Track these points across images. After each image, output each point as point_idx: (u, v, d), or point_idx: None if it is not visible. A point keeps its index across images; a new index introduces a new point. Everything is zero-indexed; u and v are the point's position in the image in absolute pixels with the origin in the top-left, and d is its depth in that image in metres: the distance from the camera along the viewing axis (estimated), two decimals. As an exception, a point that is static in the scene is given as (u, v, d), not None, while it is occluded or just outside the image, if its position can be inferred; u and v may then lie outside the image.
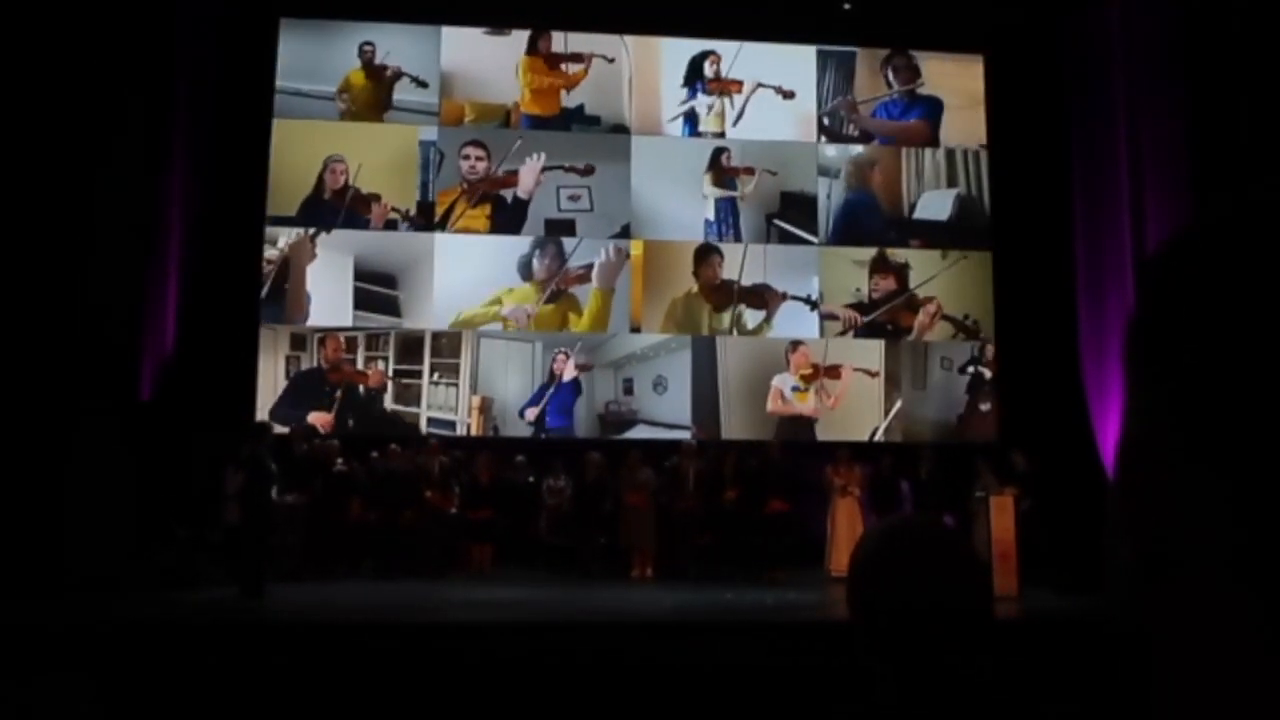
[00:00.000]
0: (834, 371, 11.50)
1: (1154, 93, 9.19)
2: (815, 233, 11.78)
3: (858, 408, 11.48)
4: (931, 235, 11.89)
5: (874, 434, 11.36)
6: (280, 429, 9.91)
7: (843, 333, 11.62)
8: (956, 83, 12.22)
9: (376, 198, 11.26)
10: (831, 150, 12.02)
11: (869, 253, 11.77)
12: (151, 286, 9.58)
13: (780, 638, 6.64)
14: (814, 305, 11.62)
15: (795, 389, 11.43)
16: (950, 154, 12.09)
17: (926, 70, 12.23)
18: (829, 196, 11.85)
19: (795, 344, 11.53)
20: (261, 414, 10.48)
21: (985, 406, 11.55)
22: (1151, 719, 0.39)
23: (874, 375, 11.47)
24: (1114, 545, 8.24)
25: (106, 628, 6.26)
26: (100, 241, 8.90)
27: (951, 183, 12.05)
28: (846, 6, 11.25)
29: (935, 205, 12.00)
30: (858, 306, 11.68)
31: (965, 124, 12.13)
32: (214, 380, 9.98)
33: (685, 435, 10.97)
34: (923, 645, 1.01)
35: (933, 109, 12.18)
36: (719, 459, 10.19)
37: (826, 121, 12.07)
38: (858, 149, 12.04)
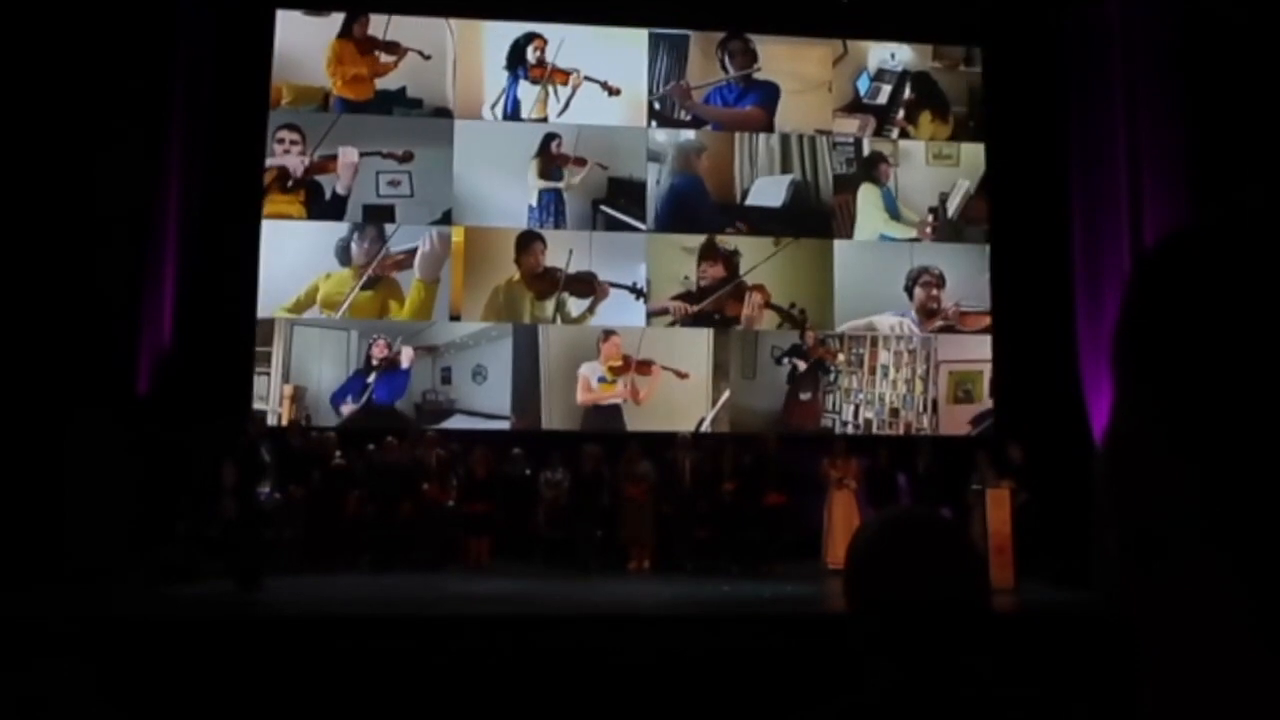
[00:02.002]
0: (645, 368, 11.26)
1: (1153, 89, 9.19)
2: (643, 219, 11.54)
3: (684, 397, 11.27)
4: (763, 222, 11.69)
5: (700, 424, 11.16)
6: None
7: (673, 323, 11.39)
8: (795, 67, 11.99)
9: None
10: (661, 136, 11.75)
11: (698, 239, 11.55)
12: (149, 280, 9.57)
13: (777, 630, 6.66)
14: (640, 294, 11.37)
15: (601, 379, 11.21)
16: (785, 139, 11.87)
17: (764, 54, 11.97)
18: (658, 182, 11.62)
19: (607, 334, 11.29)
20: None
21: (806, 396, 11.39)
22: (1140, 705, 0.40)
23: (683, 377, 11.27)
24: (1102, 536, 8.28)
25: (105, 620, 6.26)
26: (98, 234, 8.89)
27: (786, 169, 11.84)
28: (845, 1, 11.22)
29: (768, 191, 11.79)
30: (686, 295, 11.46)
31: (803, 109, 11.92)
32: (211, 374, 9.97)
33: (504, 425, 10.85)
34: (920, 637, 1.01)
35: (769, 94, 11.92)
36: (716, 452, 10.21)
37: (657, 106, 11.81)
38: (688, 134, 11.79)
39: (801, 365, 11.47)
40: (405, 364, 10.98)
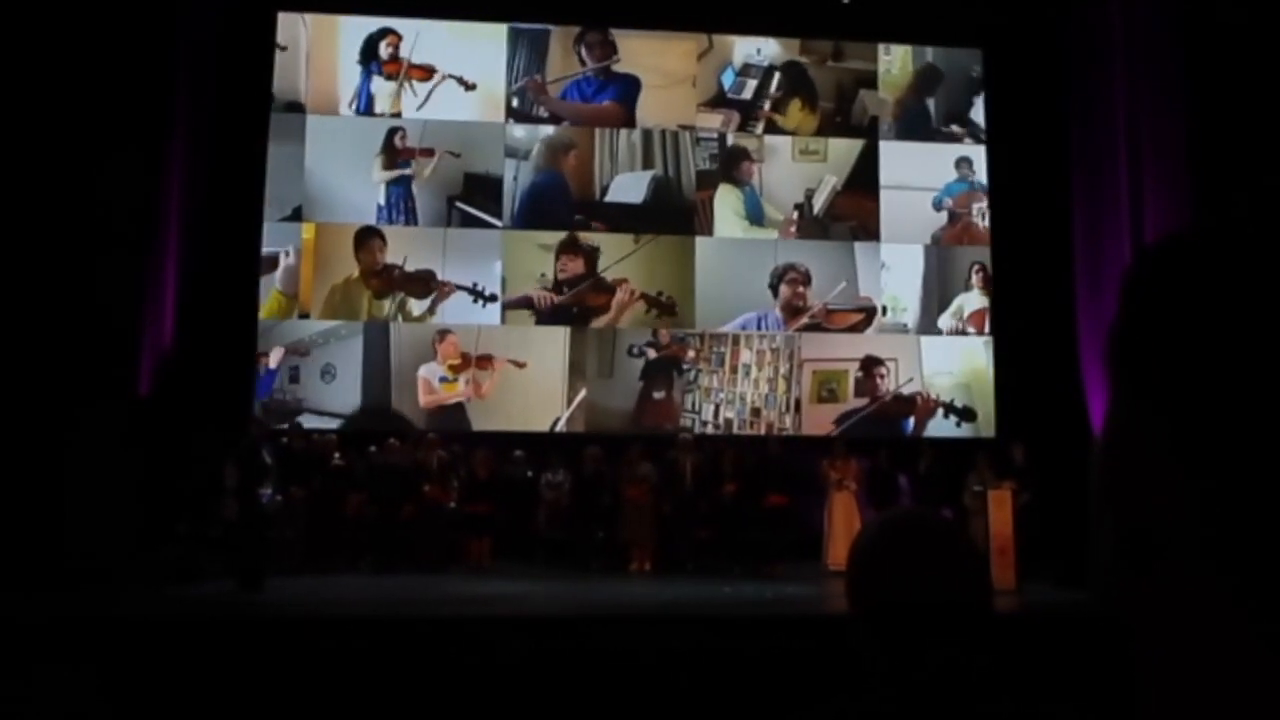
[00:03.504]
0: (484, 362, 11.10)
1: (1154, 87, 9.19)
2: (499, 216, 11.37)
3: (538, 397, 11.11)
4: (623, 219, 11.52)
5: (555, 424, 11.01)
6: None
7: (538, 320, 11.24)
8: (657, 61, 11.84)
9: None
10: (520, 131, 11.60)
11: (556, 237, 11.39)
12: (151, 281, 9.57)
13: (778, 631, 6.65)
14: (481, 296, 11.16)
15: (443, 379, 11.05)
16: (647, 135, 11.71)
17: (626, 48, 11.81)
18: (515, 178, 11.45)
19: (443, 333, 11.12)
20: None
21: (659, 395, 11.24)
22: (1138, 705, 0.40)
23: (521, 366, 11.07)
24: (1099, 536, 8.29)
25: (106, 621, 6.26)
26: (99, 236, 8.89)
27: (648, 165, 11.68)
28: (845, 1, 11.22)
29: (629, 188, 11.63)
30: (543, 292, 11.32)
31: (665, 104, 11.76)
32: (213, 375, 9.97)
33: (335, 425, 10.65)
34: (921, 639, 1.01)
35: (629, 88, 11.76)
36: (717, 453, 10.21)
37: (515, 102, 11.64)
38: (549, 129, 11.64)
39: (652, 353, 11.26)
40: (274, 364, 10.86)
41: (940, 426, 11.51)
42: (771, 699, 4.99)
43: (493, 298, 11.21)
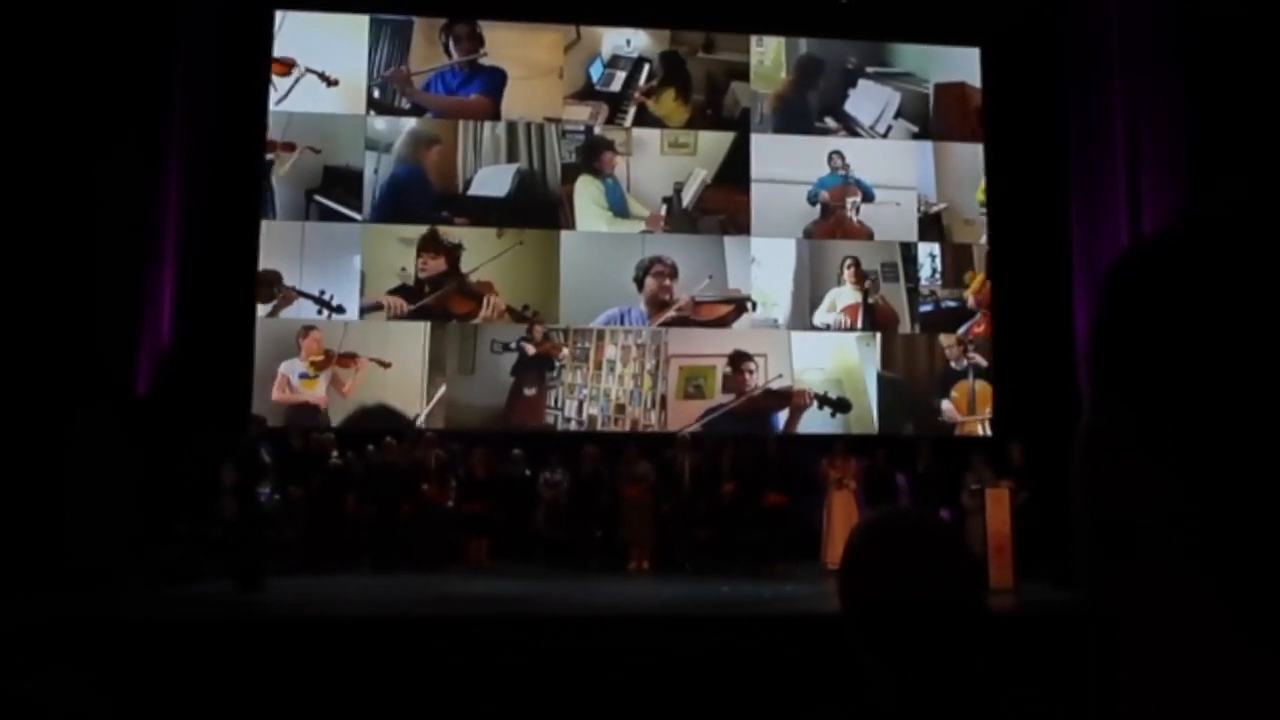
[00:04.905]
0: (347, 360, 10.95)
1: (1152, 85, 9.20)
2: (359, 209, 11.20)
3: (397, 393, 10.95)
4: (486, 212, 11.34)
5: (415, 420, 10.84)
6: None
7: (393, 317, 11.08)
8: (524, 53, 11.70)
9: None
10: (382, 124, 11.44)
11: (417, 230, 11.20)
12: (148, 280, 9.57)
13: (776, 630, 6.66)
14: (327, 306, 10.97)
15: (304, 376, 10.88)
16: (512, 127, 11.57)
17: (492, 40, 11.67)
18: (376, 171, 11.28)
19: (306, 329, 10.94)
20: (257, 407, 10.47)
21: (530, 391, 11.11)
22: (1120, 702, 0.41)
23: (386, 366, 10.94)
24: (1078, 533, 8.28)
25: (105, 621, 6.26)
26: (98, 235, 8.89)
27: (513, 158, 11.53)
28: (844, 1, 11.22)
29: (493, 181, 11.46)
30: (403, 289, 11.12)
31: (532, 96, 11.62)
32: (211, 375, 9.97)
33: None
34: (915, 638, 1.01)
35: (495, 80, 11.61)
36: (716, 452, 10.21)
37: (377, 94, 11.48)
38: (411, 122, 11.48)
39: (531, 350, 11.15)
40: None
41: (815, 420, 11.41)
42: (771, 698, 4.99)
43: (340, 309, 11.00)
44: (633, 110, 11.77)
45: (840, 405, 11.49)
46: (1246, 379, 0.36)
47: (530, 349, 11.17)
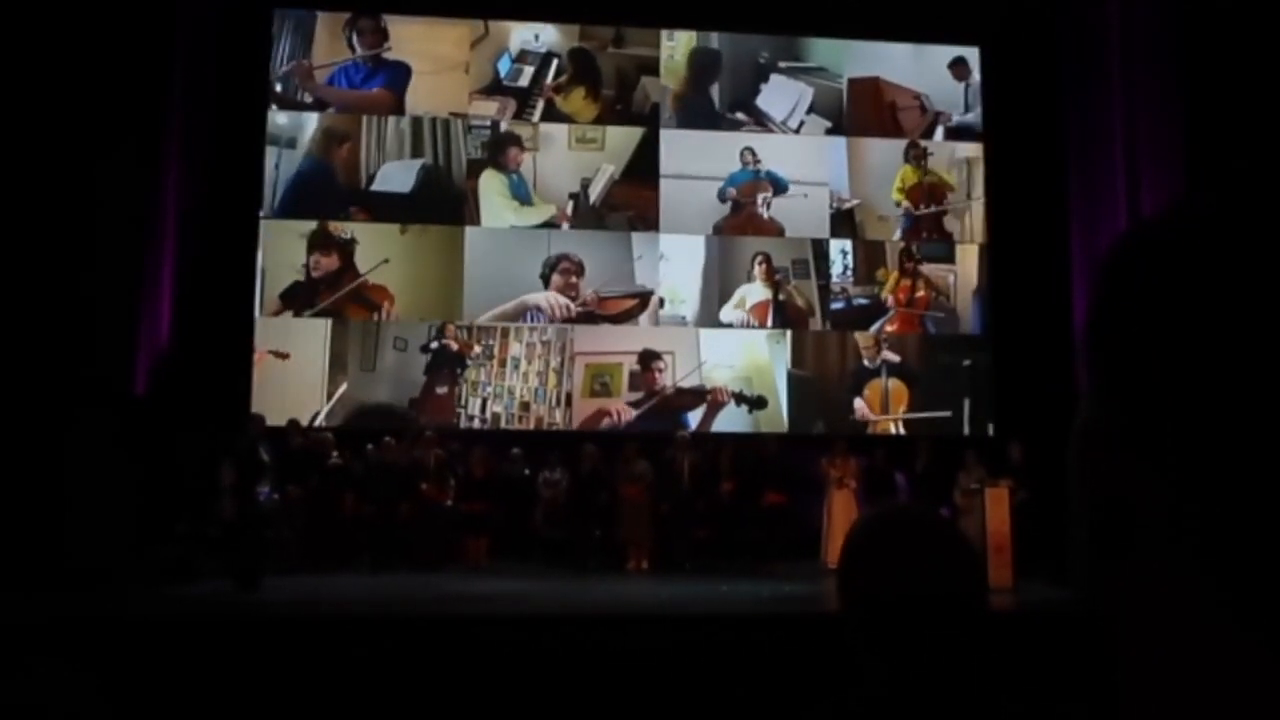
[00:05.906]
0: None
1: (1151, 83, 9.20)
2: (259, 204, 11.05)
3: (298, 390, 10.75)
4: (389, 208, 11.21)
5: (315, 418, 10.68)
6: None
7: (298, 314, 10.94)
8: (429, 47, 11.58)
9: None
10: (283, 118, 11.31)
11: (311, 226, 11.07)
12: (147, 280, 9.57)
13: (776, 630, 6.66)
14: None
15: None
16: (417, 122, 11.46)
17: (397, 34, 11.55)
18: (277, 166, 11.13)
19: None
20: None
21: (442, 390, 11.00)
22: (1119, 699, 0.41)
23: (284, 358, 10.80)
24: (1074, 530, 8.28)
25: (104, 621, 6.26)
26: (97, 235, 8.89)
27: (417, 153, 11.41)
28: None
29: (396, 177, 11.34)
30: (293, 288, 10.96)
31: (436, 91, 11.50)
32: (209, 375, 9.97)
33: None
34: (914, 636, 1.01)
35: (399, 75, 11.49)
36: (715, 452, 10.21)
37: (278, 88, 11.37)
38: (317, 117, 11.37)
39: (455, 346, 11.04)
40: None
41: (731, 418, 11.34)
42: (770, 698, 4.99)
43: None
44: (541, 105, 11.66)
45: (757, 403, 11.40)
46: (1243, 374, 0.36)
47: (454, 345, 11.07)
